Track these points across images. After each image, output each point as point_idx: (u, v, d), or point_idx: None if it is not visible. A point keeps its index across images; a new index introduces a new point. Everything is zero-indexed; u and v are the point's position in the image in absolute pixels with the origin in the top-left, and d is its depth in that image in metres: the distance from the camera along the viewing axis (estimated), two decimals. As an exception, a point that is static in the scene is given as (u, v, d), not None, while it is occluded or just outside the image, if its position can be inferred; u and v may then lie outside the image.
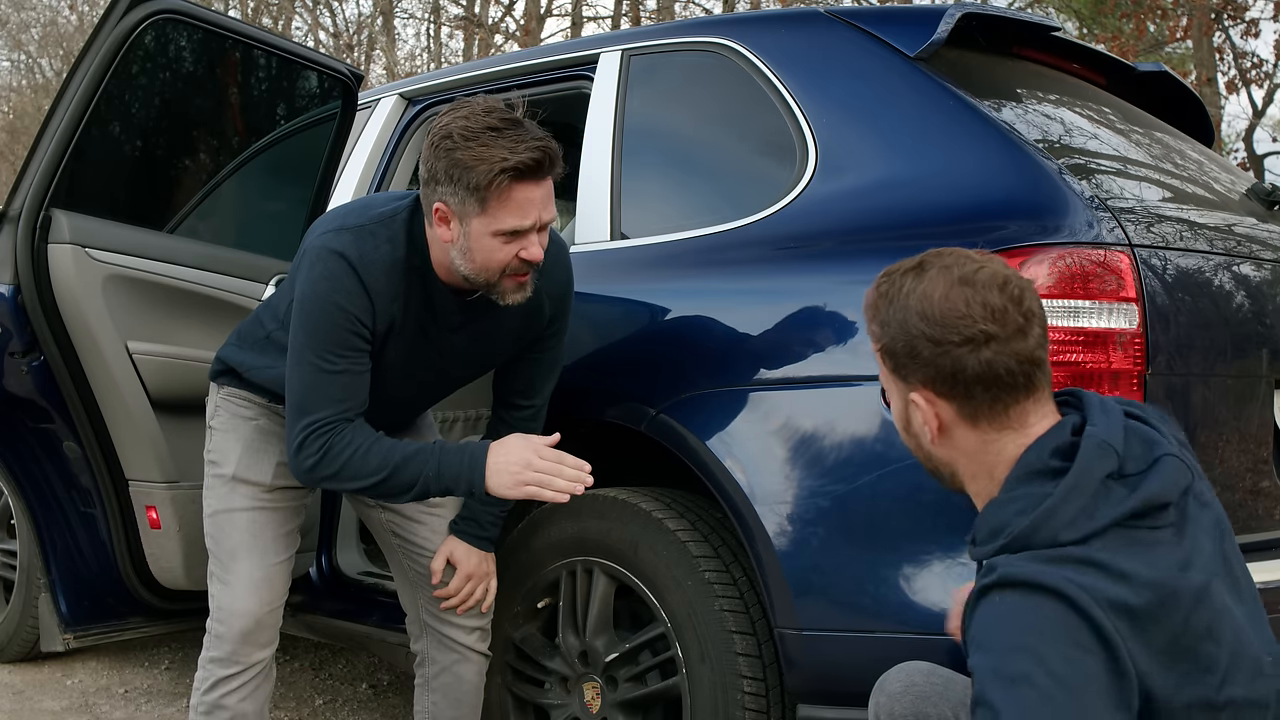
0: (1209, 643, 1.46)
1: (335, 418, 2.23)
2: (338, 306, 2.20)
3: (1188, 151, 2.98)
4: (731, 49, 2.76)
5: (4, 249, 2.92)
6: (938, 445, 1.67)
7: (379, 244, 2.24)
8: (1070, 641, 1.40)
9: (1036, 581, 1.43)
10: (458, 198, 2.13)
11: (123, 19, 2.84)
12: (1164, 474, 1.53)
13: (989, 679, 1.41)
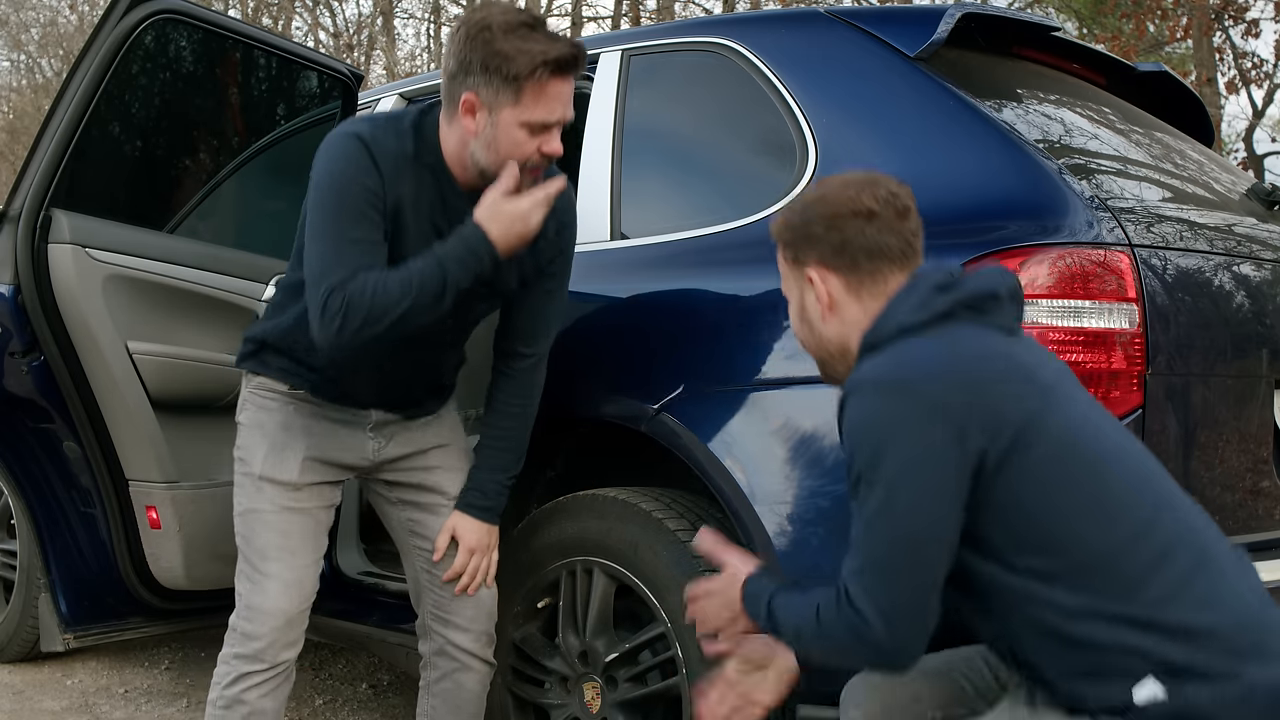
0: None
1: (350, 278, 2.20)
2: (352, 179, 2.22)
3: (1188, 151, 2.98)
4: (731, 49, 2.76)
5: (4, 249, 2.93)
6: (828, 322, 1.87)
7: (388, 135, 2.28)
8: (915, 421, 1.63)
9: (874, 379, 1.69)
10: (491, 88, 2.19)
11: (123, 19, 2.84)
12: (985, 273, 1.81)
13: (859, 475, 1.67)
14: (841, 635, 1.70)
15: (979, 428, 1.63)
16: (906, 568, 1.65)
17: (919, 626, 1.67)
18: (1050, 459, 1.65)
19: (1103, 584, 1.62)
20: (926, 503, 1.63)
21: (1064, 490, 1.64)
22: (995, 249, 2.17)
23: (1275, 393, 2.52)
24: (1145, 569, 1.61)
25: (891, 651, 1.67)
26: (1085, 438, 1.69)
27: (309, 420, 2.49)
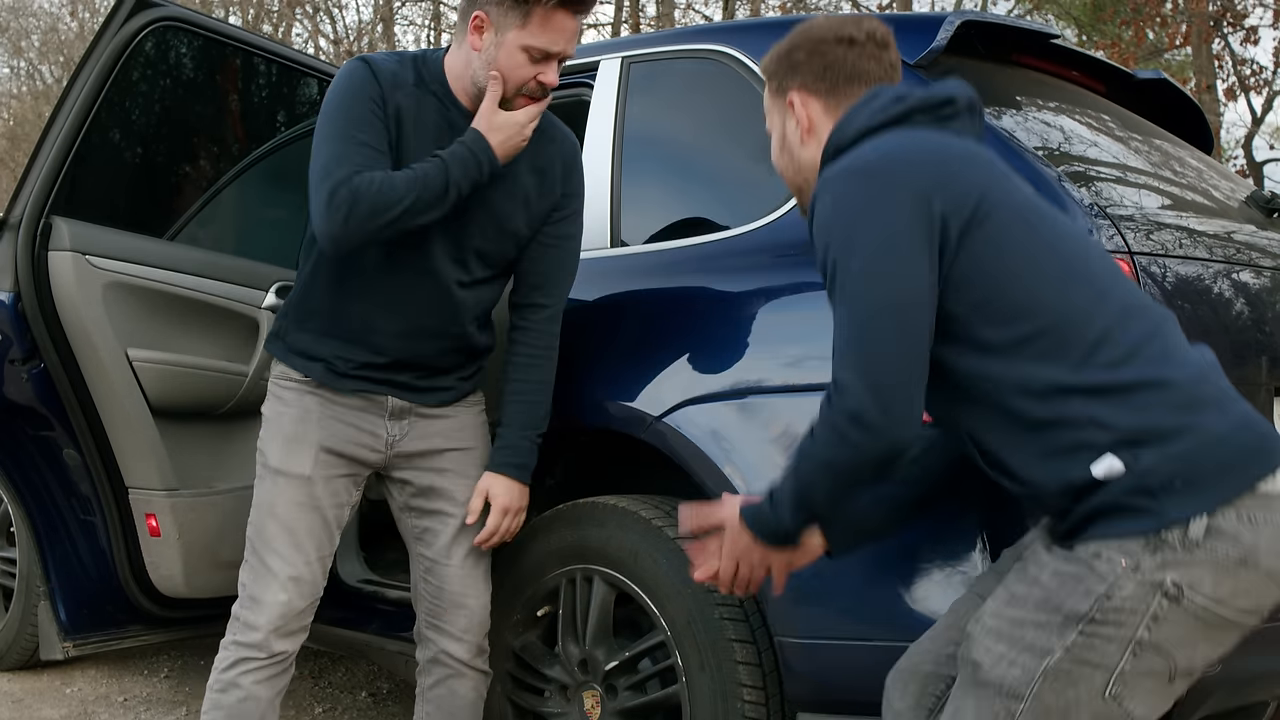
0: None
1: (356, 173, 2.26)
2: (356, 90, 2.32)
3: (1187, 159, 2.98)
4: (731, 56, 2.76)
5: (4, 256, 2.93)
6: (806, 145, 1.93)
7: (390, 61, 2.40)
8: (883, 196, 1.69)
9: (839, 171, 1.75)
10: (503, 8, 2.30)
11: (124, 26, 2.84)
12: (943, 83, 1.90)
13: (834, 263, 1.70)
14: (836, 435, 1.68)
15: (941, 198, 1.68)
16: (891, 336, 1.66)
17: (909, 398, 1.66)
18: (1009, 227, 1.71)
19: (1065, 350, 1.66)
20: (903, 268, 1.67)
21: (1024, 257, 1.70)
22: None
23: (1275, 400, 2.52)
24: (1105, 329, 1.67)
25: (885, 427, 1.65)
26: (1039, 217, 1.76)
27: (325, 412, 2.49)
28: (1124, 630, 1.59)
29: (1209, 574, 1.58)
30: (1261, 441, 1.64)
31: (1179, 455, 1.60)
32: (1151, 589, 1.58)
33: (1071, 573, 1.63)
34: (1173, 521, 1.58)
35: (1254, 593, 1.60)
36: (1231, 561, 1.58)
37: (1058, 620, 1.62)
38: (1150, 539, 1.59)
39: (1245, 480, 1.60)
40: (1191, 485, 1.59)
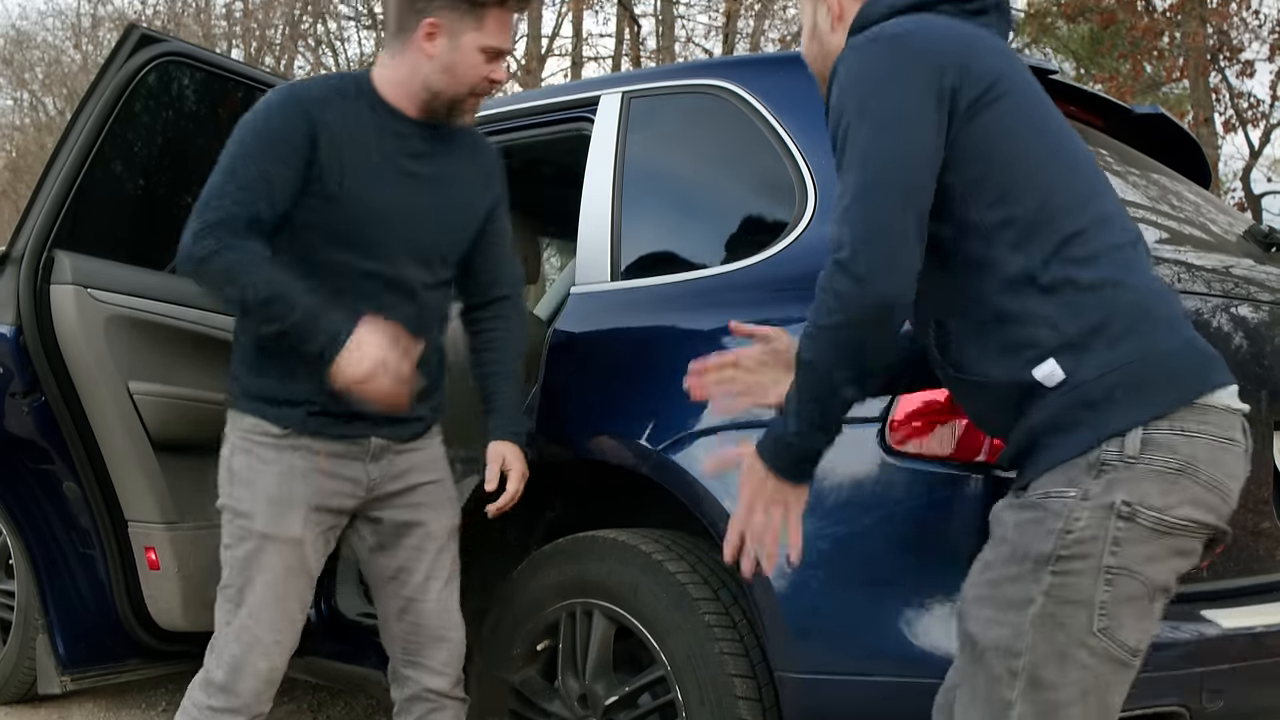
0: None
1: (243, 219, 2.26)
2: (264, 121, 2.32)
3: (1184, 193, 3.00)
4: (730, 91, 2.78)
5: (7, 290, 2.94)
6: (835, 32, 1.92)
7: (321, 85, 2.40)
8: (902, 63, 1.70)
9: (862, 40, 1.75)
10: (456, 13, 2.34)
11: (127, 62, 2.86)
12: None
13: (847, 125, 1.69)
14: (828, 296, 1.66)
15: (956, 73, 1.70)
16: (891, 193, 1.65)
17: (900, 251, 1.65)
18: (1016, 114, 1.73)
19: (1039, 241, 1.68)
20: (911, 131, 1.67)
21: (1023, 146, 1.72)
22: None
23: (1275, 434, 2.52)
24: (1079, 229, 1.68)
25: (874, 276, 1.63)
26: (1047, 119, 1.78)
27: (309, 466, 2.40)
28: (1091, 560, 1.61)
29: (1154, 485, 1.60)
30: (1206, 361, 1.68)
31: (1122, 363, 1.63)
32: (1105, 512, 1.60)
33: (1029, 518, 1.66)
34: (1111, 434, 1.61)
35: (1201, 501, 1.63)
36: (1171, 470, 1.61)
37: (1029, 568, 1.64)
38: (1092, 462, 1.62)
39: (1185, 394, 1.63)
40: (1132, 395, 1.62)
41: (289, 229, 2.34)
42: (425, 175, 2.44)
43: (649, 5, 17.03)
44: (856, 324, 1.65)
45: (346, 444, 2.43)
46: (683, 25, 17.73)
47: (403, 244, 2.42)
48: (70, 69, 23.52)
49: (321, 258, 2.36)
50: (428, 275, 2.48)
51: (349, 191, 2.34)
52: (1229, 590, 2.39)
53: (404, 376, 2.26)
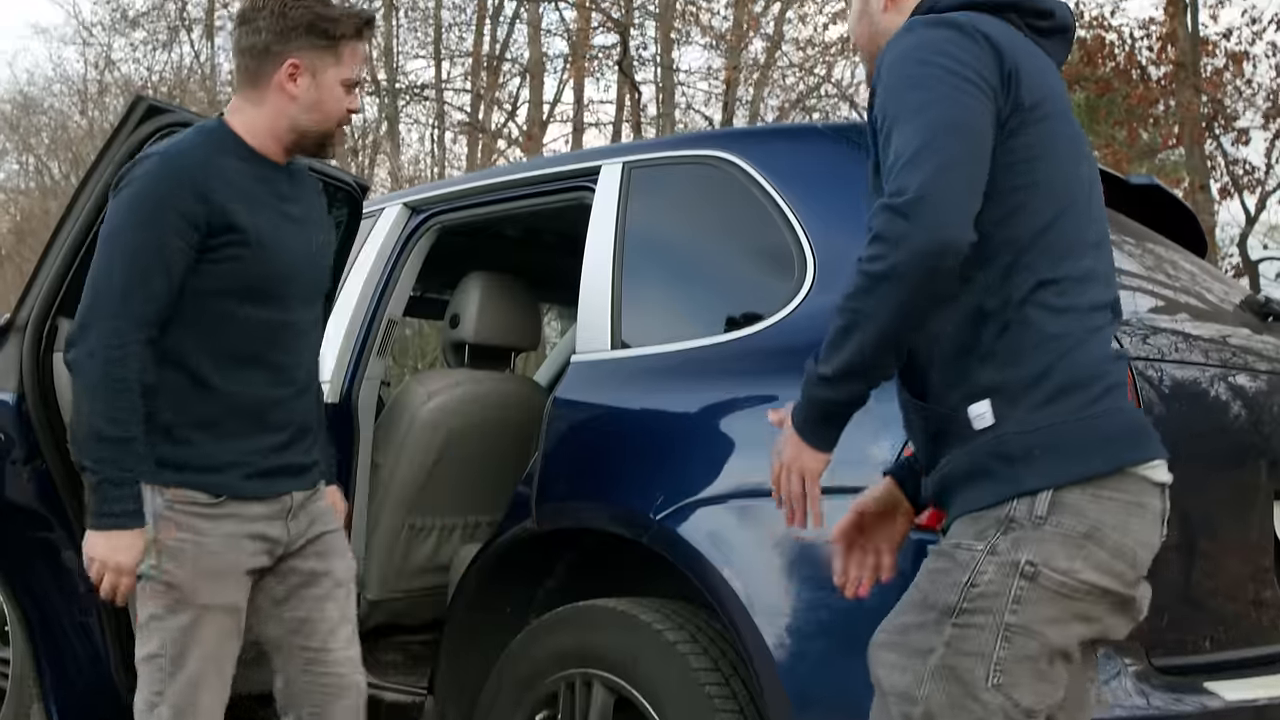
0: None
1: (142, 328, 2.25)
2: (154, 192, 2.27)
3: (1180, 262, 3.02)
4: (730, 162, 2.81)
5: (10, 357, 2.95)
6: (889, 13, 1.91)
7: (197, 149, 2.35)
8: (964, 42, 1.68)
9: (924, 19, 1.74)
10: (315, 52, 2.37)
11: (134, 132, 2.89)
12: (1055, 1, 1.87)
13: (907, 81, 1.67)
14: (883, 242, 1.59)
15: (1017, 73, 1.69)
16: (956, 146, 1.61)
17: (964, 197, 1.60)
18: (1058, 137, 1.73)
19: (1029, 273, 1.67)
20: (976, 102, 1.65)
21: (1045, 174, 1.71)
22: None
23: (1275, 503, 2.52)
24: (1070, 275, 1.69)
25: (936, 219, 1.57)
26: (1079, 147, 1.79)
27: (238, 533, 2.37)
28: (992, 616, 1.62)
29: (1059, 548, 1.62)
30: (1135, 433, 1.69)
31: (1048, 423, 1.64)
32: (1010, 569, 1.62)
33: (939, 568, 1.68)
34: (1023, 492, 1.63)
35: (1106, 566, 1.63)
36: (1078, 534, 1.62)
37: (933, 617, 1.65)
38: (1001, 518, 1.63)
39: (1105, 464, 1.64)
40: (1050, 456, 1.63)
41: (194, 297, 2.32)
42: (296, 216, 2.47)
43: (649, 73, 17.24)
44: (910, 268, 1.58)
45: (269, 504, 2.42)
46: (683, 93, 17.94)
47: (299, 288, 2.46)
48: (76, 134, 23.73)
49: (240, 316, 2.35)
50: (312, 315, 2.54)
51: (256, 245, 2.34)
52: (1232, 662, 2.38)
53: (122, 593, 2.28)
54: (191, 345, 2.33)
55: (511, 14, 19.50)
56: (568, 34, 17.92)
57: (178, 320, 2.31)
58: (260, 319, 2.37)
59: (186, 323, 2.32)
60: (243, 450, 2.38)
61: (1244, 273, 14.35)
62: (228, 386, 2.35)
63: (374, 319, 3.51)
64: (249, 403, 2.38)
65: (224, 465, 2.36)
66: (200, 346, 2.34)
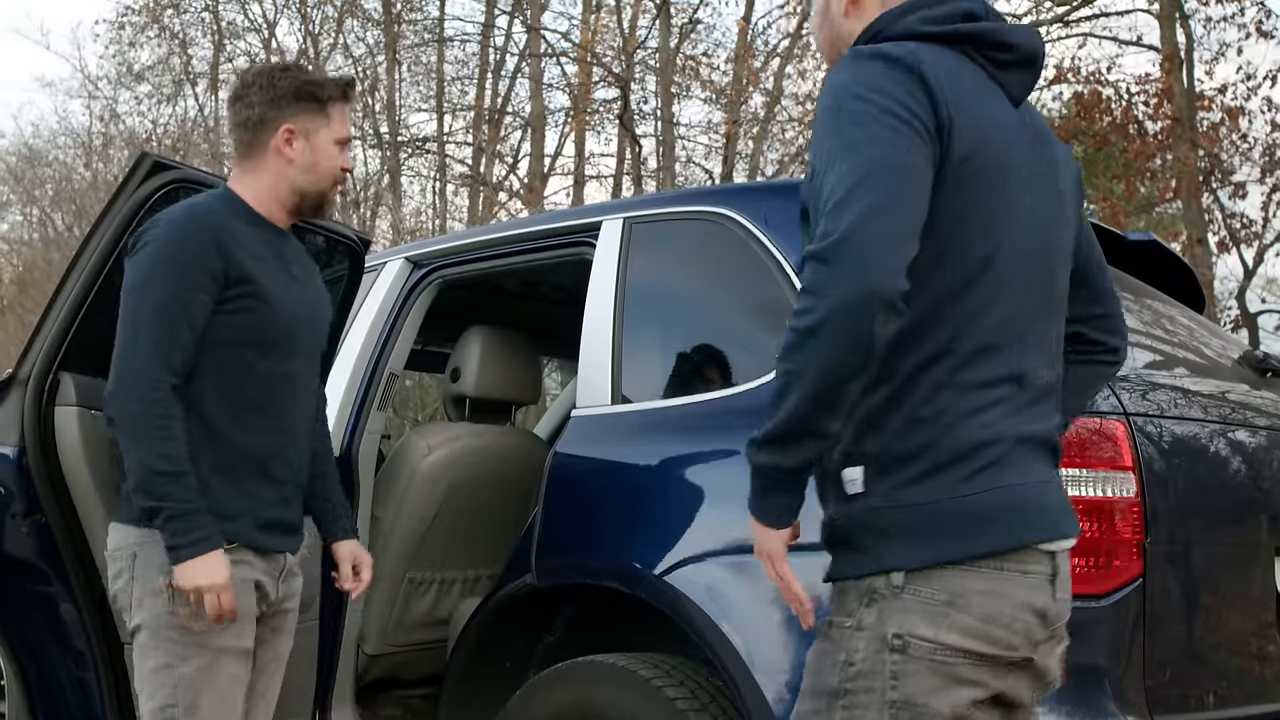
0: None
1: (173, 375, 2.35)
2: (182, 246, 2.39)
3: (1178, 318, 3.03)
4: (729, 218, 2.82)
5: (12, 411, 2.95)
6: (849, 17, 1.85)
7: (216, 213, 2.47)
8: (903, 83, 1.59)
9: (870, 49, 1.65)
10: (307, 116, 2.51)
11: (140, 187, 2.91)
12: (1015, 27, 1.77)
13: (835, 136, 1.58)
14: (809, 293, 1.50)
15: (950, 116, 1.60)
16: (887, 188, 1.52)
17: (893, 244, 1.50)
18: (980, 194, 1.63)
19: (929, 341, 1.60)
20: (910, 142, 1.55)
21: (973, 230, 1.63)
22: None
23: (1276, 558, 2.51)
24: (970, 350, 1.62)
25: (862, 265, 1.47)
26: (1014, 206, 1.67)
27: (248, 578, 2.45)
28: (874, 694, 1.59)
29: (921, 618, 1.57)
30: (1004, 515, 1.60)
31: (913, 502, 1.59)
32: (880, 644, 1.58)
33: (821, 649, 1.66)
34: (886, 568, 1.59)
35: (974, 631, 1.58)
36: (939, 603, 1.57)
37: (824, 703, 1.63)
38: (864, 590, 1.61)
39: (968, 548, 1.58)
40: (913, 537, 1.59)
41: (210, 346, 2.42)
42: (298, 277, 2.59)
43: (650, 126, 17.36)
44: (836, 320, 1.49)
45: (270, 559, 2.51)
46: (683, 146, 18.07)
47: (299, 342, 2.56)
48: (80, 186, 23.85)
49: (250, 365, 2.46)
50: (309, 371, 2.63)
51: (265, 298, 2.45)
52: (1236, 719, 2.36)
53: (228, 609, 2.34)
54: (206, 393, 2.43)
55: (513, 69, 19.69)
56: (569, 88, 18.07)
57: (195, 369, 2.42)
58: (265, 369, 2.48)
59: (203, 371, 2.42)
60: (252, 499, 2.48)
61: (1243, 325, 14.37)
62: (238, 434, 2.46)
63: (375, 373, 3.52)
64: (256, 451, 2.48)
65: (238, 512, 2.45)
66: (214, 394, 2.44)
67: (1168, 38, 12.50)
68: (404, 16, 19.90)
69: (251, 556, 2.46)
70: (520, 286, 4.18)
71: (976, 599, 1.58)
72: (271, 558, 2.51)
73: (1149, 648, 2.19)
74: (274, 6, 20.85)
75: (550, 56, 18.33)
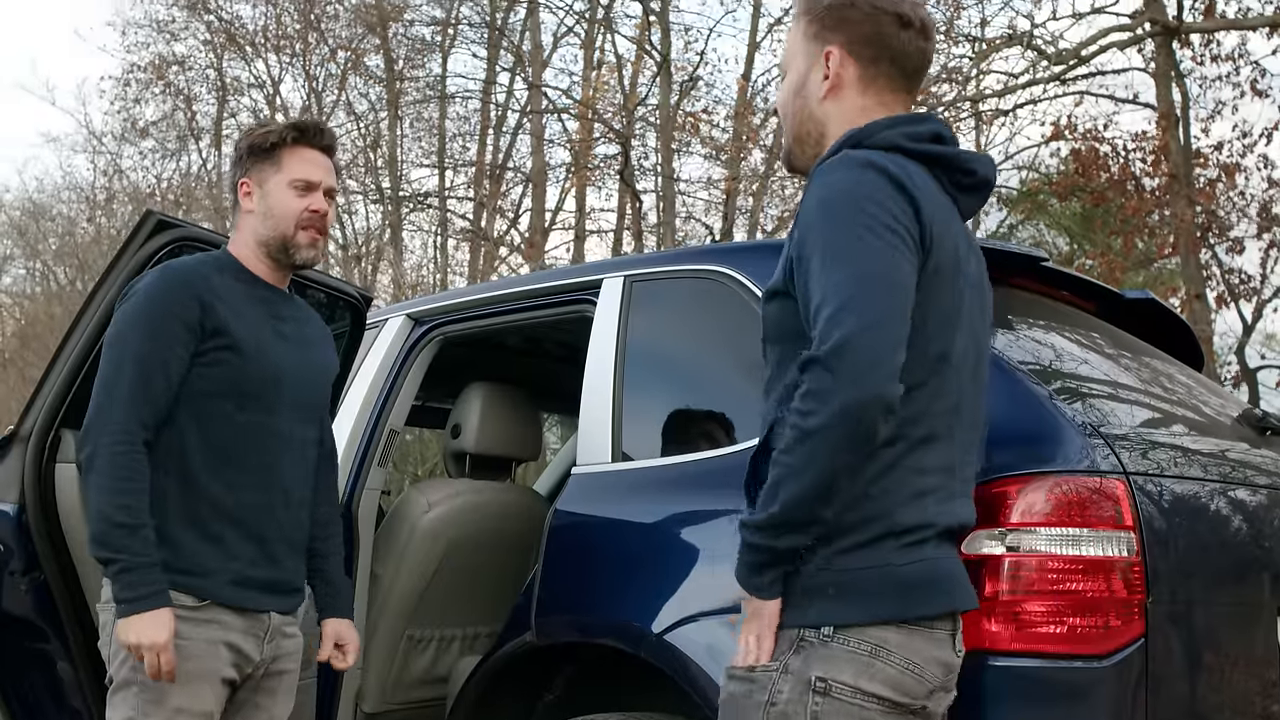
0: None
1: (145, 429, 2.37)
2: (159, 300, 2.44)
3: (1176, 376, 3.04)
4: (729, 276, 2.84)
5: (13, 468, 2.95)
6: (826, 101, 1.93)
7: (196, 267, 2.54)
8: (892, 195, 1.72)
9: (859, 157, 1.76)
10: (258, 166, 2.59)
11: (144, 246, 2.93)
12: (977, 156, 1.92)
13: (822, 244, 1.70)
14: (810, 396, 1.64)
15: (924, 243, 1.74)
16: (884, 300, 1.66)
17: (891, 352, 1.64)
18: (933, 308, 1.76)
19: (905, 404, 1.70)
20: (894, 255, 1.69)
21: (927, 336, 1.75)
22: (990, 477, 2.18)
23: (1279, 618, 2.50)
24: (915, 439, 1.75)
25: (864, 370, 1.61)
26: (954, 315, 1.81)
27: (217, 639, 2.41)
28: None
29: (847, 665, 1.70)
30: (927, 585, 1.75)
31: (846, 567, 1.72)
32: (804, 687, 1.70)
33: (742, 690, 1.76)
34: (817, 624, 1.71)
35: (893, 681, 1.72)
36: (863, 653, 1.71)
37: None
38: (793, 639, 1.72)
39: (902, 612, 1.72)
40: (844, 598, 1.71)
41: (186, 398, 2.44)
42: (290, 336, 2.61)
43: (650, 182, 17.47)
44: (837, 424, 1.63)
45: (249, 619, 2.47)
46: (683, 201, 18.17)
47: (287, 398, 2.55)
48: (83, 240, 23.96)
49: (226, 417, 2.47)
50: (305, 431, 2.62)
51: (243, 351, 2.47)
52: (1241, 781, 2.35)
53: (167, 669, 2.31)
54: (189, 444, 2.44)
55: (514, 125, 19.86)
56: (570, 144, 18.21)
57: (171, 420, 2.43)
58: (243, 421, 2.48)
59: (184, 422, 2.44)
60: (230, 556, 2.44)
61: (1243, 380, 14.38)
62: (219, 488, 2.45)
63: (376, 429, 3.52)
64: (237, 506, 2.46)
65: (211, 569, 2.42)
66: (196, 445, 2.44)
67: (1164, 96, 12.63)
68: (406, 74, 20.11)
69: (226, 615, 2.42)
70: (521, 343, 4.20)
71: (897, 652, 1.72)
72: (253, 617, 2.47)
73: (1151, 708, 2.18)
74: (278, 63, 21.10)
75: (551, 113, 18.51)
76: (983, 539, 2.13)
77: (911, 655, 1.73)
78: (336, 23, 19.95)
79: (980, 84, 13.15)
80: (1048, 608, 2.10)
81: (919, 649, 1.74)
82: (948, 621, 1.79)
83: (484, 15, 19.29)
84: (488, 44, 19.54)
